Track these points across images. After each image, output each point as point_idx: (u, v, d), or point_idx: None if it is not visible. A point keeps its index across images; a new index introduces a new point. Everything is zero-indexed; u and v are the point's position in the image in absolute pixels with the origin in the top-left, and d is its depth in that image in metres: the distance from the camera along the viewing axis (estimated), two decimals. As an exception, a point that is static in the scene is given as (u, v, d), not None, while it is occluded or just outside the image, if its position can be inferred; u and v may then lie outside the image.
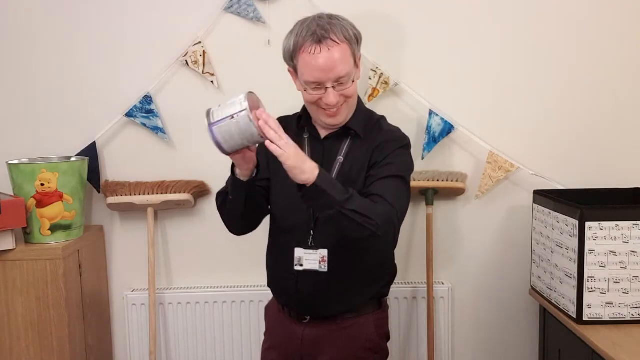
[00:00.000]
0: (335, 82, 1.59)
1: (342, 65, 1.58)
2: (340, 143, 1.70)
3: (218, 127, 1.49)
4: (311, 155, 1.67)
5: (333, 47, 1.57)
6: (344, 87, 1.61)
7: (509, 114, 2.30)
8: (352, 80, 1.63)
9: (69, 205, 2.12)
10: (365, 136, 1.69)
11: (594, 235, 1.84)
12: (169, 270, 2.39)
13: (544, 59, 2.28)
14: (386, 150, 1.65)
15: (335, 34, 1.58)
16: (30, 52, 2.29)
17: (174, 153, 2.33)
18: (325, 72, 1.57)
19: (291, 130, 1.74)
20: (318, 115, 1.67)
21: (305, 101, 1.67)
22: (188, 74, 2.28)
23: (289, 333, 1.74)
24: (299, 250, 1.67)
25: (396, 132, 1.74)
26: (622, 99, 2.30)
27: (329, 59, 1.56)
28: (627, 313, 1.86)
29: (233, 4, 2.24)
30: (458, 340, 2.41)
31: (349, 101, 1.65)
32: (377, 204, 1.54)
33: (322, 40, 1.57)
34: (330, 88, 1.59)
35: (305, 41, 1.58)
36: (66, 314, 2.05)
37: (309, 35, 1.58)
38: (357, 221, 1.49)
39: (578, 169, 2.31)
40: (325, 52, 1.56)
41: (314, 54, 1.56)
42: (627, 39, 2.27)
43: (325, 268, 1.65)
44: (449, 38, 2.27)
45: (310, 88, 1.61)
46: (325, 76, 1.57)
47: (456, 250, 2.37)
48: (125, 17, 2.27)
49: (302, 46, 1.58)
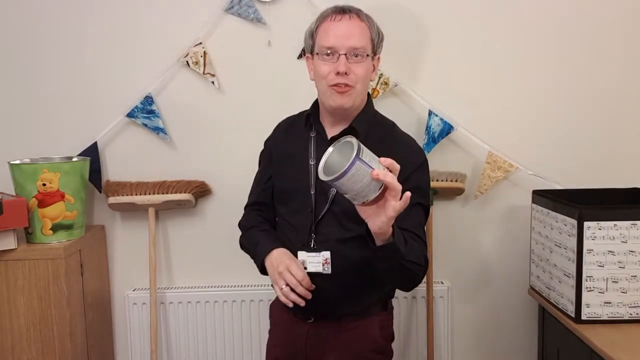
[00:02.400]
0: (349, 50, 1.59)
1: (359, 36, 1.60)
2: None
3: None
4: (316, 155, 1.68)
5: (354, 19, 1.62)
6: (357, 60, 1.60)
7: (508, 114, 2.31)
8: (368, 57, 1.62)
9: (71, 205, 2.13)
10: (374, 140, 1.60)
11: (593, 235, 1.84)
12: (170, 269, 2.40)
13: (544, 58, 2.29)
14: (407, 168, 1.54)
15: (358, 13, 1.64)
16: (31, 53, 2.30)
17: (174, 153, 2.33)
18: (341, 39, 1.59)
19: (298, 128, 1.75)
20: (326, 95, 1.64)
21: (319, 77, 1.64)
22: (189, 74, 2.29)
23: (294, 332, 1.74)
24: (302, 253, 1.66)
25: (413, 145, 1.71)
26: (622, 99, 2.30)
27: (348, 27, 1.60)
28: (625, 312, 1.87)
29: (233, 5, 2.25)
30: (457, 339, 2.41)
31: (357, 87, 1.63)
32: (419, 244, 1.56)
33: (345, 11, 1.63)
34: (342, 56, 1.59)
35: (329, 12, 1.64)
36: (68, 313, 2.06)
37: (332, 8, 1.65)
38: (411, 270, 1.50)
39: (577, 169, 2.31)
40: (346, 20, 1.61)
41: (335, 21, 1.62)
42: (627, 39, 2.27)
43: (328, 270, 1.64)
44: (448, 38, 2.28)
45: (324, 54, 1.61)
46: (340, 42, 1.59)
47: (455, 250, 2.38)
48: (126, 18, 2.28)
49: (325, 17, 1.64)
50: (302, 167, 1.70)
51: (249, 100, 2.29)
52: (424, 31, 2.28)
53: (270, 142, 1.84)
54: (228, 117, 2.30)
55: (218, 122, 2.31)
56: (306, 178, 1.69)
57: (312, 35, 1.66)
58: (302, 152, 1.71)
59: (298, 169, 1.70)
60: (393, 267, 1.46)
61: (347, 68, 1.58)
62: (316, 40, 1.65)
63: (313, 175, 1.67)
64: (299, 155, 1.72)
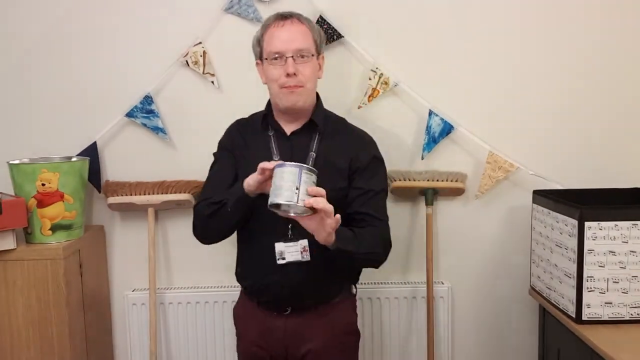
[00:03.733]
0: (295, 53, 1.71)
1: (301, 39, 1.73)
2: (308, 139, 1.79)
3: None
4: (279, 151, 1.77)
5: (296, 24, 1.74)
6: (304, 60, 1.72)
7: (509, 114, 2.30)
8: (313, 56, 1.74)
9: (70, 205, 2.12)
10: (331, 133, 1.81)
11: (593, 235, 1.84)
12: (169, 270, 2.40)
13: (545, 58, 2.28)
14: (364, 157, 1.79)
15: (299, 17, 1.77)
16: (31, 52, 2.29)
17: (174, 153, 2.33)
18: (286, 43, 1.71)
19: (253, 129, 1.85)
20: (279, 96, 1.75)
21: (270, 81, 1.76)
22: (188, 74, 2.29)
23: (270, 328, 1.79)
24: (280, 244, 1.73)
25: (366, 136, 1.87)
26: (622, 99, 2.30)
27: (292, 31, 1.72)
28: (626, 313, 1.86)
29: (233, 5, 2.24)
30: (458, 340, 2.41)
31: (307, 85, 1.75)
32: (376, 229, 1.74)
33: (287, 17, 1.75)
34: (290, 58, 1.70)
35: (272, 20, 1.76)
36: (67, 314, 2.06)
37: (274, 16, 1.77)
38: (367, 259, 1.74)
39: (577, 169, 2.31)
40: (288, 25, 1.73)
41: (279, 27, 1.73)
42: (628, 39, 2.27)
43: (307, 257, 1.73)
44: (449, 38, 2.27)
45: (272, 59, 1.72)
46: (286, 46, 1.71)
47: (456, 250, 2.37)
48: (125, 18, 2.27)
49: (269, 25, 1.76)
50: None
51: (249, 100, 2.28)
52: (424, 31, 2.27)
53: (228, 144, 1.88)
54: (228, 116, 2.28)
55: (217, 122, 2.28)
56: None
57: (259, 43, 1.78)
58: (265, 150, 1.79)
59: None
60: (349, 262, 1.72)
61: (295, 69, 1.71)
62: (263, 47, 1.76)
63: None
64: (262, 154, 1.77)
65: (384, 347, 2.35)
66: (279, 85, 1.73)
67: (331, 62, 2.26)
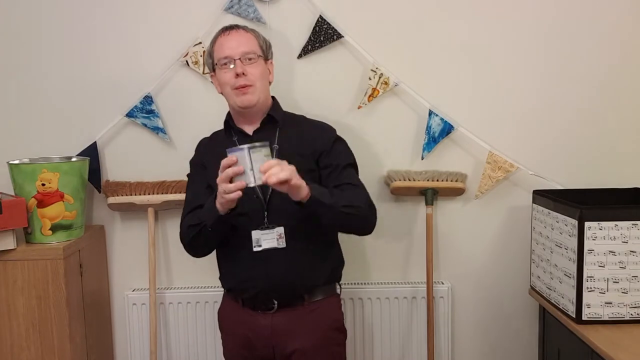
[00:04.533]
0: (242, 56, 1.81)
1: (247, 44, 1.83)
2: (270, 134, 1.85)
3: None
4: None
5: (241, 32, 1.86)
6: (251, 62, 1.82)
7: (509, 114, 2.30)
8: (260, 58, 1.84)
9: (70, 205, 2.12)
10: (291, 126, 1.89)
11: (593, 235, 1.84)
12: (169, 269, 2.40)
13: (545, 58, 2.28)
14: (326, 140, 1.87)
15: (245, 28, 1.88)
16: (30, 52, 2.29)
17: (174, 153, 2.33)
18: (233, 48, 1.82)
19: (219, 140, 1.91)
20: (233, 98, 1.83)
21: (222, 84, 1.84)
22: (188, 74, 2.29)
23: (256, 327, 1.81)
24: (256, 232, 1.78)
25: (325, 125, 1.93)
26: (622, 99, 2.30)
27: (237, 38, 1.84)
28: (626, 313, 1.86)
29: (233, 5, 2.24)
30: (458, 340, 2.41)
31: (257, 84, 1.82)
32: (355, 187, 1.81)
33: (232, 27, 1.87)
34: (237, 60, 1.80)
35: (219, 33, 1.87)
36: (67, 314, 2.06)
37: (222, 29, 1.88)
38: (350, 213, 1.74)
39: (577, 169, 2.31)
40: (234, 34, 1.85)
41: (225, 36, 1.85)
42: (628, 38, 2.27)
43: (283, 244, 1.78)
44: (449, 38, 2.27)
45: (222, 64, 1.82)
46: (233, 51, 1.81)
47: (456, 250, 2.37)
48: (125, 18, 2.27)
49: (217, 37, 1.87)
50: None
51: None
52: (424, 31, 2.27)
53: (198, 160, 1.95)
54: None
55: (218, 122, 2.29)
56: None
57: (211, 55, 1.88)
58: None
59: None
60: (331, 215, 1.72)
61: (243, 69, 1.80)
62: (214, 56, 1.86)
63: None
64: None
65: (384, 347, 2.35)
66: (231, 87, 1.81)
67: (331, 62, 2.28)
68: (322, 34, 2.23)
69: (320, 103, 2.28)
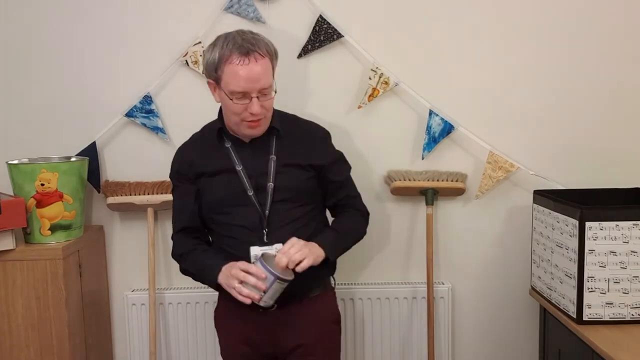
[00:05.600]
0: (259, 92, 1.70)
1: (265, 77, 1.70)
2: (266, 143, 1.82)
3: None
4: (239, 158, 1.79)
5: (259, 60, 1.68)
6: (267, 97, 1.72)
7: (509, 114, 2.30)
8: (274, 92, 1.75)
9: (69, 205, 2.12)
10: (287, 133, 1.83)
11: (594, 235, 1.84)
12: (169, 270, 2.39)
13: (544, 59, 2.28)
14: (324, 153, 1.86)
15: (260, 48, 1.70)
16: (30, 52, 2.29)
17: (173, 153, 2.31)
18: (251, 83, 1.68)
19: (207, 144, 1.85)
20: (239, 127, 1.76)
21: (230, 112, 1.74)
22: (188, 74, 2.28)
23: (256, 325, 1.80)
24: (255, 248, 1.75)
25: (319, 130, 1.91)
26: (622, 99, 2.29)
27: (255, 71, 1.68)
28: (627, 313, 1.86)
29: (233, 4, 2.24)
30: (458, 340, 2.41)
31: (268, 114, 1.77)
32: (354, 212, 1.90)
33: (249, 52, 1.67)
34: (255, 98, 1.69)
35: (232, 53, 1.68)
36: (66, 314, 2.05)
37: (236, 47, 1.68)
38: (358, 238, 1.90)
39: (578, 169, 2.31)
40: (252, 63, 1.67)
41: (242, 65, 1.67)
42: (628, 38, 2.27)
43: None
44: (449, 38, 2.27)
45: (235, 98, 1.69)
46: (251, 86, 1.68)
47: (456, 250, 2.37)
48: (125, 17, 2.27)
49: (228, 57, 1.68)
50: (231, 175, 1.80)
51: (249, 100, 2.29)
52: (424, 31, 2.27)
53: (183, 166, 1.87)
54: (227, 116, 2.30)
55: (217, 122, 2.30)
56: (239, 183, 1.79)
57: (216, 70, 1.71)
58: (226, 162, 1.81)
59: (228, 178, 1.80)
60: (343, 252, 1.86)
61: (258, 107, 1.70)
62: (222, 78, 1.70)
63: (245, 179, 1.79)
64: (224, 166, 1.80)
65: (384, 347, 2.34)
66: (241, 119, 1.73)
67: (331, 62, 2.27)
68: (322, 34, 2.22)
69: (320, 103, 2.28)
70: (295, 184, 1.79)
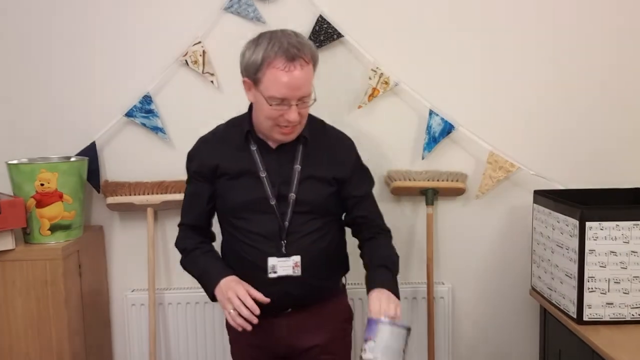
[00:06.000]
0: (299, 100, 1.65)
1: (307, 85, 1.65)
2: (292, 151, 1.77)
3: None
4: (265, 166, 1.74)
5: (303, 67, 1.62)
6: (305, 105, 1.68)
7: (509, 114, 2.30)
8: (314, 100, 1.71)
9: (69, 205, 2.12)
10: (312, 141, 1.77)
11: (594, 235, 1.83)
12: (168, 270, 2.39)
13: (545, 58, 2.28)
14: (348, 163, 1.81)
15: (305, 54, 1.63)
16: (29, 52, 2.29)
17: (173, 153, 2.32)
18: (293, 90, 1.62)
19: (232, 143, 1.78)
20: (271, 132, 1.71)
21: (264, 116, 1.68)
22: (188, 73, 2.28)
23: (271, 327, 1.77)
24: (272, 259, 1.72)
25: (345, 139, 1.86)
26: (622, 99, 2.29)
27: (298, 78, 1.61)
28: (627, 313, 1.86)
29: (233, 4, 2.23)
30: (458, 340, 2.40)
31: (303, 121, 1.72)
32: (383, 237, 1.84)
33: (295, 58, 1.61)
34: (294, 105, 1.64)
35: (277, 57, 1.60)
36: (66, 314, 2.05)
37: (282, 51, 1.60)
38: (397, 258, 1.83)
39: (578, 169, 2.31)
40: (297, 70, 1.61)
41: (286, 71, 1.60)
42: (627, 38, 2.27)
43: (298, 272, 1.73)
44: (449, 38, 2.27)
45: (274, 103, 1.64)
46: (292, 93, 1.62)
47: (456, 250, 2.37)
48: (125, 17, 2.27)
49: (272, 61, 1.61)
50: (254, 180, 1.74)
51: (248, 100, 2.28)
52: (424, 31, 2.27)
53: (203, 166, 1.79)
54: (227, 116, 2.27)
55: (217, 122, 2.28)
56: (262, 190, 1.74)
57: (256, 71, 1.64)
58: (250, 166, 1.75)
59: (251, 182, 1.74)
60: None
61: (296, 115, 1.65)
62: (262, 81, 1.63)
63: (268, 187, 1.74)
64: (247, 169, 1.75)
65: (384, 347, 2.34)
66: (275, 124, 1.68)
67: (331, 62, 2.27)
68: (322, 34, 2.22)
69: (320, 103, 2.26)
70: (317, 198, 1.75)
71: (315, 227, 1.75)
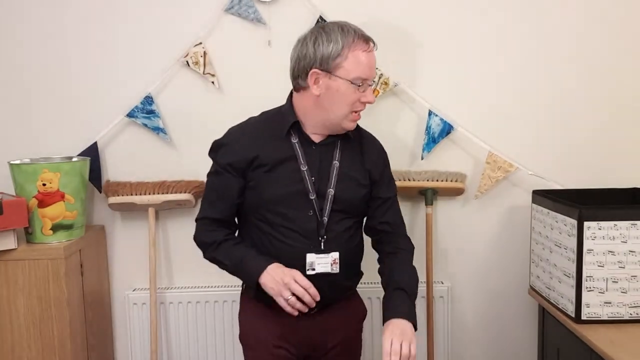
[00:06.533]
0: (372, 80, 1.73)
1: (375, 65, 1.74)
2: (332, 147, 1.77)
3: None
4: (306, 160, 1.73)
5: (374, 50, 1.72)
6: (371, 88, 1.74)
7: (508, 114, 2.31)
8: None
9: (71, 205, 2.13)
10: (349, 138, 1.80)
11: (593, 235, 1.84)
12: (170, 269, 2.40)
13: (544, 58, 2.28)
14: (380, 165, 1.84)
15: (373, 41, 1.73)
16: (31, 52, 2.30)
17: (174, 153, 2.33)
18: (372, 69, 1.71)
19: (272, 134, 1.74)
20: (345, 119, 1.71)
21: (345, 102, 1.67)
22: (189, 74, 2.29)
23: (294, 327, 1.74)
24: (311, 255, 1.70)
25: (375, 141, 1.90)
26: (621, 99, 2.30)
27: (374, 58, 1.71)
28: (625, 312, 1.87)
29: (234, 5, 2.25)
30: (457, 339, 2.41)
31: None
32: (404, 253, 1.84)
33: (368, 40, 1.70)
34: (371, 86, 1.71)
35: (357, 40, 1.67)
36: (68, 314, 2.06)
37: (358, 35, 1.68)
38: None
39: (577, 169, 2.31)
40: (372, 50, 1.71)
41: (368, 52, 1.68)
42: (626, 38, 2.28)
43: (337, 269, 1.72)
44: (448, 38, 2.28)
45: (357, 86, 1.66)
46: (371, 73, 1.70)
47: (455, 250, 2.38)
48: (126, 18, 2.28)
49: (352, 44, 1.65)
50: (294, 173, 1.72)
51: (249, 100, 2.28)
52: (424, 31, 2.28)
53: (240, 160, 1.72)
54: (228, 117, 2.28)
55: (218, 122, 2.29)
56: (301, 184, 1.72)
57: (336, 58, 1.64)
58: (289, 158, 1.73)
59: (291, 175, 1.72)
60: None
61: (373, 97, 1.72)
62: (343, 66, 1.64)
63: (309, 181, 1.72)
64: (287, 162, 1.72)
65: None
66: (351, 110, 1.69)
67: (331, 62, 2.27)
68: (322, 35, 2.23)
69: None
70: (352, 196, 1.76)
71: (347, 226, 1.76)
